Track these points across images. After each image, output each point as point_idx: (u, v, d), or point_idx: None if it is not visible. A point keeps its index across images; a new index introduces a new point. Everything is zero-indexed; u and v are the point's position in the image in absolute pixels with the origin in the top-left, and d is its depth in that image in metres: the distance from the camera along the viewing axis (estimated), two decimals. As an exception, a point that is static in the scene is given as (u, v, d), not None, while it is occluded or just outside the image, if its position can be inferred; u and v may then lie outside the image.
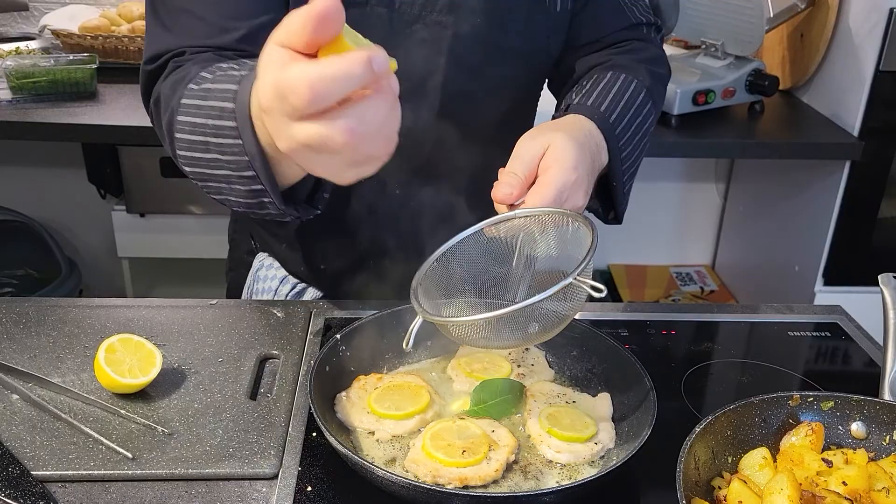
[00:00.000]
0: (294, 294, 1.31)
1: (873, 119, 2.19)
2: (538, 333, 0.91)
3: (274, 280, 1.32)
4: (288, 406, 1.00)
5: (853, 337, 1.22)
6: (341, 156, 0.68)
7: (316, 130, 0.65)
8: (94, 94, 2.34)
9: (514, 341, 0.92)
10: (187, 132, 0.91)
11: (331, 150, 0.66)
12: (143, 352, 1.00)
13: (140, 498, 0.86)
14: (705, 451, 0.87)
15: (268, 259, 1.34)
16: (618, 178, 1.07)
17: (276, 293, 1.31)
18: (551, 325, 0.91)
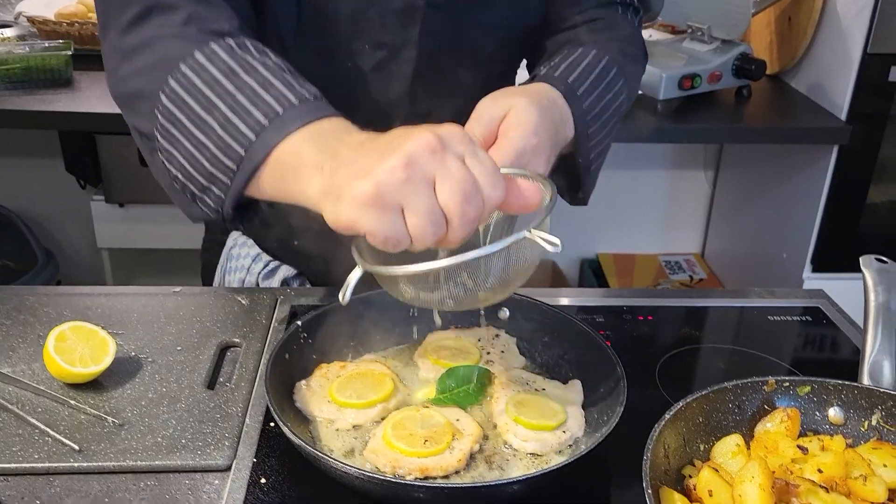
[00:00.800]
0: (267, 272, 1.27)
1: (861, 103, 2.16)
2: (489, 291, 0.84)
3: (247, 258, 1.28)
4: (246, 396, 0.96)
5: (835, 321, 1.19)
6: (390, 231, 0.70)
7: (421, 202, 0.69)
8: (70, 81, 2.29)
9: (464, 299, 0.84)
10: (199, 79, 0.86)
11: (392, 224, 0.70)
12: (95, 340, 0.97)
13: (85, 491, 0.82)
14: (676, 438, 0.84)
15: (241, 237, 1.30)
16: (583, 155, 1.03)
17: (249, 271, 1.27)
18: (502, 283, 0.83)
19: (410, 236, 0.72)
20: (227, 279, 1.30)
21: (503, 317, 1.09)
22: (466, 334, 1.07)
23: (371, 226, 0.71)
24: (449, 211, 0.71)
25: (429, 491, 0.78)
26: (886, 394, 0.88)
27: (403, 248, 0.73)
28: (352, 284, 0.81)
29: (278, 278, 1.25)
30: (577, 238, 3.08)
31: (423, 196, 0.70)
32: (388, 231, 0.70)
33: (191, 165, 0.88)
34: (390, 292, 0.86)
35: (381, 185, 0.69)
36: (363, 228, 0.71)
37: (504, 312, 1.09)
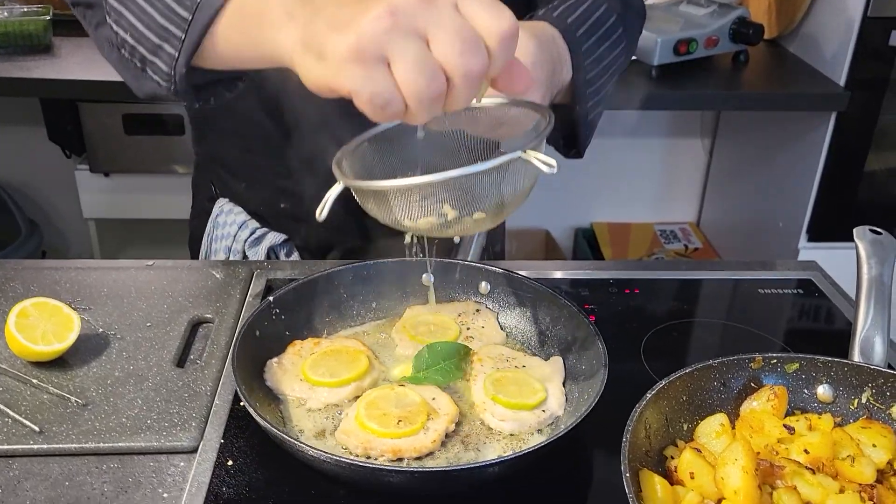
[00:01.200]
0: (253, 240, 1.24)
1: (861, 68, 2.11)
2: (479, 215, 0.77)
3: (233, 225, 1.25)
4: (217, 374, 0.93)
5: (827, 294, 1.15)
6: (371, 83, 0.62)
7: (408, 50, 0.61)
8: (49, 47, 2.24)
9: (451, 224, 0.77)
10: None
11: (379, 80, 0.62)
12: (59, 317, 0.93)
13: (45, 474, 0.79)
14: (658, 418, 0.81)
15: (227, 204, 1.27)
16: (581, 101, 0.98)
17: (235, 239, 1.25)
18: (493, 207, 0.77)
19: (403, 95, 0.64)
20: (213, 247, 1.27)
21: (484, 290, 1.05)
22: (446, 309, 1.03)
23: (354, 83, 0.63)
24: (448, 64, 0.62)
25: (400, 475, 0.75)
26: (877, 371, 0.85)
27: (394, 111, 0.64)
28: (330, 200, 0.75)
29: (265, 245, 1.22)
30: (571, 207, 3.04)
31: (412, 45, 0.62)
32: (373, 87, 0.63)
33: (141, 22, 0.82)
34: (372, 213, 0.79)
35: (364, 36, 0.61)
36: (345, 87, 0.64)
37: (485, 286, 1.05)
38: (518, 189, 0.77)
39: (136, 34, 0.84)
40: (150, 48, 0.84)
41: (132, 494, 0.77)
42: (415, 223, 0.76)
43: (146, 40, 0.84)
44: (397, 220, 0.77)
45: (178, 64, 0.82)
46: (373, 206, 0.78)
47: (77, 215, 2.67)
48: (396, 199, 0.75)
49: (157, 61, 0.84)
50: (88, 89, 2.07)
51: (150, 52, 0.84)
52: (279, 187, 1.21)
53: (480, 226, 0.79)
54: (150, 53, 0.84)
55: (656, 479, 0.73)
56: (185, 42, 0.80)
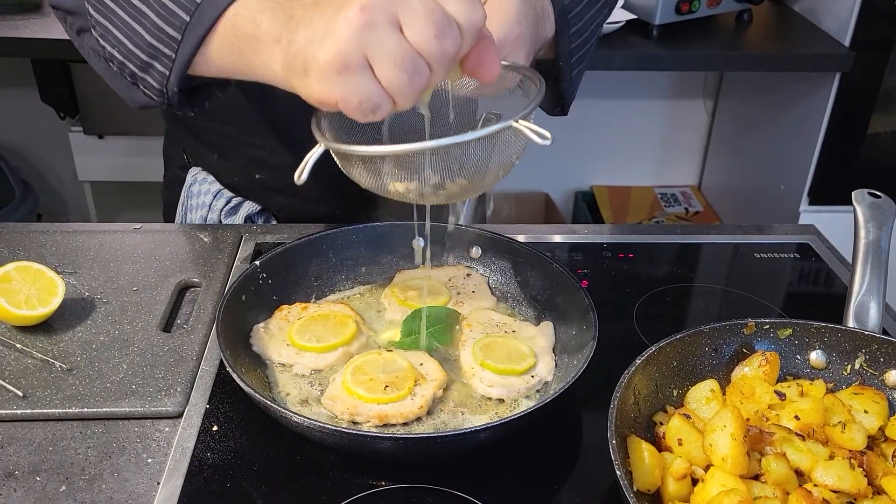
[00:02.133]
0: (229, 209, 1.22)
1: (865, 28, 2.06)
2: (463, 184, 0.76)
3: (207, 195, 1.22)
4: (203, 339, 0.92)
5: (825, 259, 1.14)
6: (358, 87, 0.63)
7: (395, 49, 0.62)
8: (40, 6, 2.20)
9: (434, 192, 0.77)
10: None
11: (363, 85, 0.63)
12: (43, 281, 0.92)
13: (29, 439, 0.79)
14: (647, 384, 0.80)
15: (201, 173, 1.24)
16: (564, 56, 0.95)
17: (211, 208, 1.22)
18: (478, 176, 0.76)
19: (389, 94, 0.64)
20: (188, 217, 1.24)
21: (475, 255, 1.04)
22: (437, 273, 1.02)
23: (341, 93, 0.64)
24: (423, 49, 0.63)
25: (386, 441, 0.74)
26: (871, 336, 0.84)
27: (384, 112, 0.65)
28: (310, 163, 0.73)
29: (241, 215, 1.20)
30: (571, 170, 3.01)
31: (388, 40, 0.62)
32: (360, 94, 0.64)
33: (129, 40, 0.81)
34: (353, 177, 0.78)
35: (341, 44, 0.62)
36: (333, 98, 0.65)
37: (476, 250, 1.04)
38: (506, 159, 0.75)
39: (125, 50, 0.82)
40: (140, 65, 0.81)
41: (116, 459, 0.77)
42: (397, 189, 0.75)
43: (135, 57, 0.81)
44: (382, 185, 0.76)
45: (169, 82, 0.80)
46: (356, 171, 0.76)
47: (73, 178, 2.65)
48: (381, 164, 0.73)
49: (147, 78, 0.82)
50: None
51: (140, 69, 0.82)
52: (253, 157, 1.18)
53: (465, 193, 0.78)
54: (139, 70, 0.82)
55: (644, 446, 0.72)
56: (175, 62, 0.78)
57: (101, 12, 0.82)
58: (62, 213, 2.90)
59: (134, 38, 0.80)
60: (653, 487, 0.72)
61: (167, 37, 0.77)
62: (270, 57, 0.70)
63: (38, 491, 0.73)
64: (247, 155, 1.17)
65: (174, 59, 0.78)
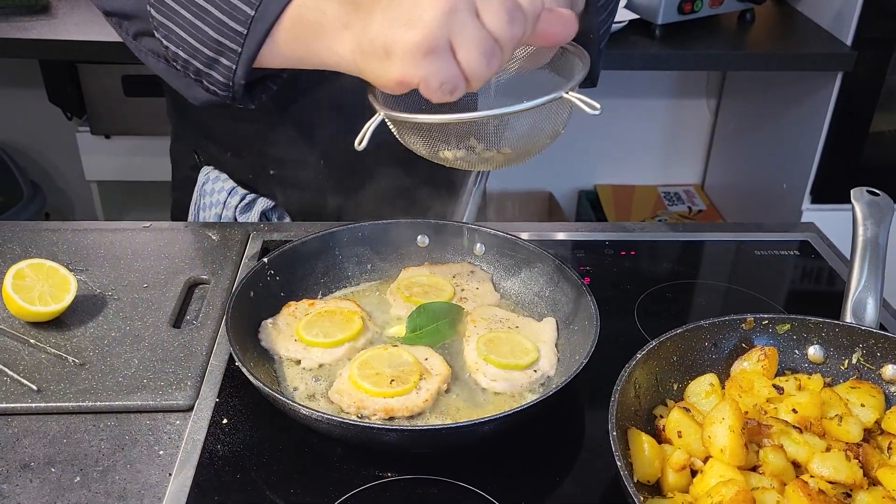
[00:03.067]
0: (244, 205, 1.23)
1: (868, 28, 2.07)
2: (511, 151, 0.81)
3: (222, 192, 1.24)
4: (212, 334, 0.94)
5: (824, 256, 1.15)
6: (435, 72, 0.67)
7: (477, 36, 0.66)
8: (48, 7, 2.22)
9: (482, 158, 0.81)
10: None
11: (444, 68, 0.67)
12: (56, 277, 0.94)
13: (44, 432, 0.81)
14: (648, 378, 0.82)
15: (213, 172, 1.26)
16: (594, 28, 0.96)
17: (226, 206, 1.23)
18: (525, 145, 0.81)
19: (466, 76, 0.68)
20: (201, 216, 1.26)
21: (479, 252, 1.05)
22: (441, 270, 1.04)
23: (425, 74, 0.67)
24: (497, 33, 0.68)
25: (391, 433, 0.76)
26: (868, 332, 0.86)
27: (461, 93, 0.69)
28: (370, 130, 0.76)
29: (257, 211, 1.22)
30: (574, 169, 3.02)
31: (471, 27, 0.67)
32: (443, 76, 0.67)
33: (193, 38, 0.83)
34: (406, 143, 0.82)
35: (430, 28, 0.66)
36: (416, 80, 0.68)
37: (480, 247, 1.05)
38: (554, 128, 0.79)
39: (189, 48, 0.84)
40: (205, 62, 0.84)
41: (129, 451, 0.79)
42: (447, 156, 0.79)
43: (200, 54, 0.83)
44: (434, 152, 0.80)
45: (236, 76, 0.83)
46: (410, 139, 0.80)
47: (80, 177, 2.67)
48: (436, 132, 0.77)
49: (213, 74, 0.84)
50: (87, 50, 2.06)
51: (206, 66, 0.84)
52: (266, 154, 1.19)
53: (512, 161, 0.82)
54: (205, 67, 0.84)
55: (644, 438, 0.74)
56: (241, 55, 0.81)
57: (164, 13, 0.84)
58: (69, 212, 2.93)
59: (199, 36, 0.82)
60: (653, 478, 0.73)
61: (232, 31, 0.80)
62: (339, 43, 0.73)
63: (53, 482, 0.75)
64: (259, 151, 1.19)
65: (240, 53, 0.80)
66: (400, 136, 0.82)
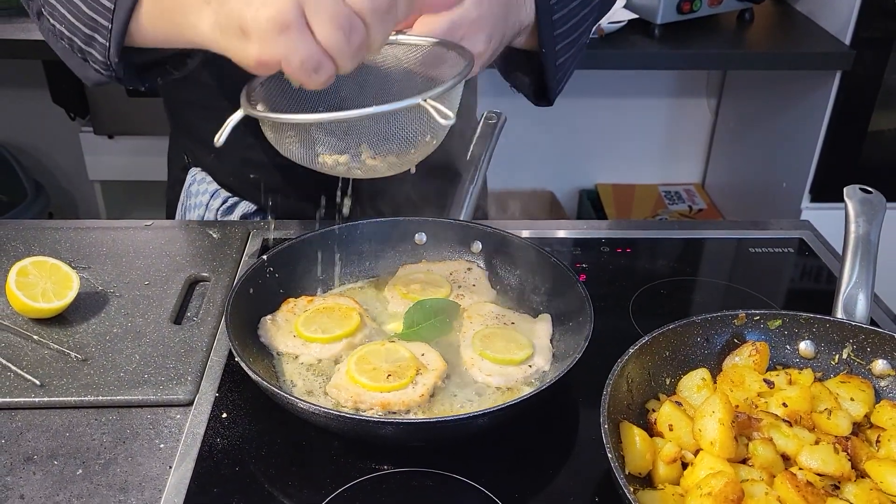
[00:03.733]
0: (225, 209, 1.24)
1: (866, 26, 2.08)
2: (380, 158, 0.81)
3: (205, 195, 1.25)
4: (213, 331, 0.95)
5: (818, 253, 1.16)
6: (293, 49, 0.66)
7: None
8: (51, 9, 2.24)
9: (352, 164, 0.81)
10: None
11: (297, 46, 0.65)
12: (58, 275, 0.96)
13: (47, 426, 0.82)
14: (641, 372, 0.83)
15: (200, 173, 1.27)
16: (547, 44, 0.94)
17: (208, 208, 1.24)
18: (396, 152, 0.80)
19: (328, 53, 0.67)
20: (186, 216, 1.27)
21: (476, 249, 1.07)
22: (438, 268, 1.05)
23: (283, 52, 0.66)
24: (359, 9, 0.66)
25: (387, 426, 0.77)
26: (858, 327, 0.87)
27: (327, 73, 0.68)
28: (229, 127, 0.76)
29: (237, 214, 1.23)
30: (575, 168, 3.04)
31: (327, 1, 0.65)
32: (301, 53, 0.66)
33: (72, 14, 0.84)
34: (278, 147, 0.82)
35: (282, 3, 0.65)
36: (274, 58, 0.67)
37: (477, 245, 1.07)
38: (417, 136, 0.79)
39: (70, 26, 0.85)
40: (84, 39, 0.85)
41: (130, 445, 0.80)
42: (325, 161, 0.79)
43: (79, 31, 0.84)
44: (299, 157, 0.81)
45: (110, 53, 0.83)
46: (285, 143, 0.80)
47: (83, 177, 2.69)
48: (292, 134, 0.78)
49: (92, 51, 0.85)
50: (90, 51, 2.08)
51: (85, 44, 0.85)
52: (247, 158, 1.19)
53: (377, 171, 0.82)
54: (84, 45, 0.85)
55: (635, 431, 0.75)
56: (112, 31, 0.81)
57: None
58: (72, 211, 2.94)
59: (76, 13, 0.83)
60: (644, 471, 0.75)
61: (102, 7, 0.80)
62: (199, 18, 0.73)
63: (55, 474, 0.77)
64: (241, 155, 1.19)
65: (111, 30, 0.81)
66: (276, 142, 0.81)
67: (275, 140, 0.81)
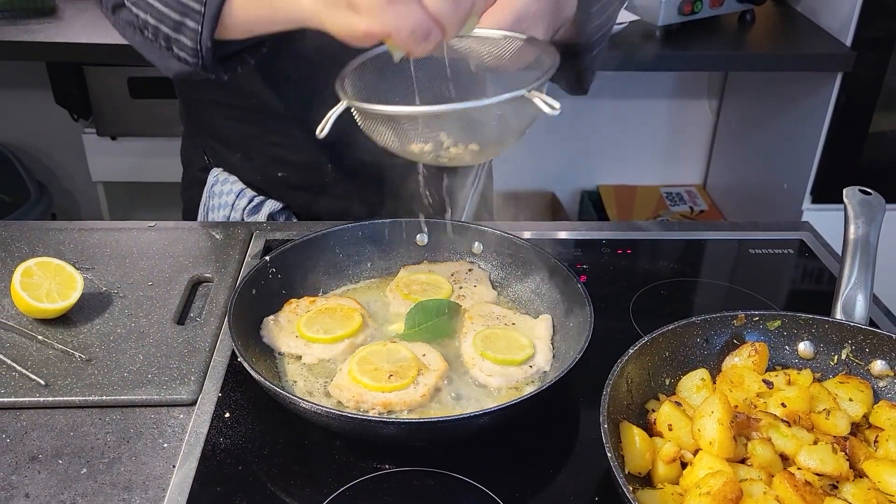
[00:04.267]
0: (252, 207, 1.25)
1: (867, 28, 2.08)
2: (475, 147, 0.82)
3: (230, 194, 1.26)
4: (215, 331, 0.96)
5: (817, 254, 1.17)
6: None
7: None
8: (54, 10, 2.24)
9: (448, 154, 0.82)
10: None
11: None
12: (62, 275, 0.96)
13: (51, 425, 0.83)
14: (640, 373, 0.84)
15: (222, 174, 1.27)
16: (586, 36, 0.97)
17: (234, 207, 1.25)
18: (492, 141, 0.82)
19: (436, 20, 0.69)
20: (210, 217, 1.27)
21: (477, 250, 1.07)
22: (440, 269, 1.06)
23: (394, 22, 0.68)
24: None
25: (388, 426, 0.78)
26: (857, 328, 0.87)
27: (435, 40, 0.70)
28: (332, 118, 0.77)
29: (264, 213, 1.23)
30: (577, 170, 3.04)
31: None
32: (412, 22, 0.68)
33: (159, 2, 0.85)
34: (373, 136, 0.83)
35: None
36: (385, 28, 0.69)
37: (478, 246, 1.07)
38: (517, 125, 0.81)
39: (157, 14, 0.86)
40: (173, 26, 0.85)
41: (134, 444, 0.81)
42: (413, 150, 0.80)
43: (167, 19, 0.85)
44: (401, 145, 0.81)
45: (202, 38, 0.84)
46: (375, 130, 0.81)
47: (86, 178, 2.70)
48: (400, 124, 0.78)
49: (181, 38, 0.86)
50: (93, 53, 2.08)
51: (174, 31, 0.86)
52: (275, 156, 1.21)
53: (477, 157, 0.83)
54: (173, 31, 0.86)
55: (635, 431, 0.76)
56: (205, 15, 0.82)
57: None
58: (75, 213, 2.95)
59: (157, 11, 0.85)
60: (644, 470, 0.75)
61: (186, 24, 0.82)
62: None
63: (60, 473, 0.77)
64: (268, 154, 1.21)
65: (203, 13, 0.82)
66: (365, 128, 0.82)
67: (365, 127, 0.82)
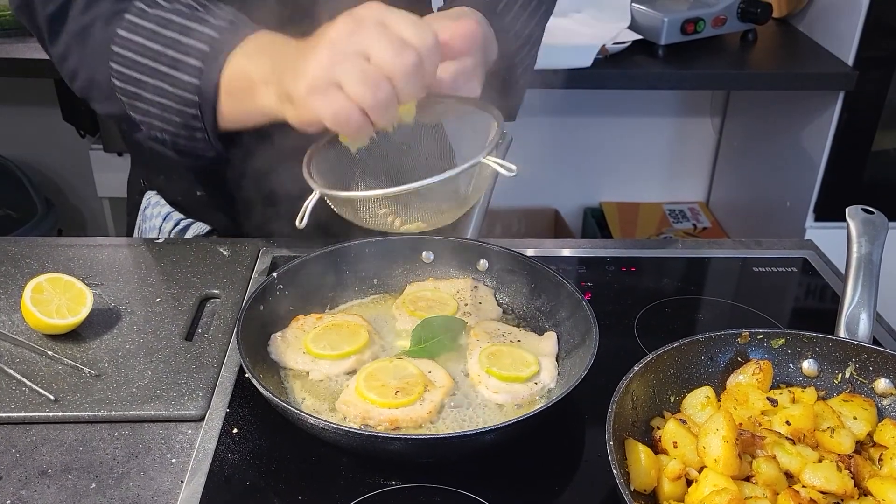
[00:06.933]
0: (178, 231, 1.25)
1: (869, 47, 2.10)
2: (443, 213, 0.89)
3: (158, 218, 1.27)
4: (223, 347, 0.97)
5: (821, 273, 1.18)
6: None
7: None
8: (63, 29, 2.27)
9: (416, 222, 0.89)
10: (134, 52, 0.93)
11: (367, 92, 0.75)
12: (72, 291, 0.97)
13: (61, 440, 0.83)
14: (645, 390, 0.84)
15: (154, 196, 1.28)
16: (510, 71, 1.02)
17: (161, 231, 1.26)
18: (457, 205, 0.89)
19: (360, 108, 0.76)
20: None
21: (482, 268, 1.08)
22: (445, 286, 1.07)
23: (320, 110, 0.77)
24: (387, 68, 0.75)
25: (395, 442, 0.78)
26: (860, 346, 0.88)
27: (357, 122, 0.77)
28: (309, 208, 0.84)
29: (190, 236, 1.24)
30: (580, 187, 3.05)
31: (352, 65, 0.75)
32: (334, 108, 0.76)
33: (168, 124, 0.94)
34: (346, 216, 0.89)
35: (314, 75, 0.77)
36: (314, 115, 0.78)
37: (483, 263, 1.08)
38: (478, 186, 0.87)
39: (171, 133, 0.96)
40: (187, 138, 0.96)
41: (142, 459, 0.82)
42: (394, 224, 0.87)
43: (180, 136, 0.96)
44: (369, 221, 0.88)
45: (212, 143, 0.95)
46: (344, 211, 0.88)
47: (92, 194, 2.72)
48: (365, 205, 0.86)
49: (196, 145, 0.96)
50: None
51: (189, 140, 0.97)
52: (194, 176, 1.22)
53: (444, 219, 0.89)
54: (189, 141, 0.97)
55: (640, 448, 0.76)
56: (207, 130, 0.93)
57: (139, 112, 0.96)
58: (82, 228, 2.97)
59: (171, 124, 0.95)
60: (649, 488, 0.76)
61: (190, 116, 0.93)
62: (264, 97, 0.87)
63: (69, 488, 0.78)
64: (188, 174, 1.21)
65: (204, 129, 0.94)
66: (337, 208, 0.89)
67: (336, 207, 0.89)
